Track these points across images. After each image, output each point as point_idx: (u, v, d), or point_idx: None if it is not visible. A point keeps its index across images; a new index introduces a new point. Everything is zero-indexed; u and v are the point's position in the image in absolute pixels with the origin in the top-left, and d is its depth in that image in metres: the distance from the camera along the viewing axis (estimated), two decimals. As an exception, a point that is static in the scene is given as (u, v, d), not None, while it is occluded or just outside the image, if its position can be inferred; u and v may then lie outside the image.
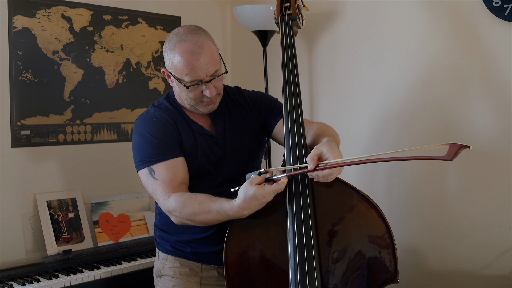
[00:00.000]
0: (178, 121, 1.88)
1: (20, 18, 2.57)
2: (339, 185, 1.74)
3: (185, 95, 1.81)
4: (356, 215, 1.71)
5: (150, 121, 1.86)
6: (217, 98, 1.85)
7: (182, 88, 1.80)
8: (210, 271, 1.93)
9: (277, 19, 2.03)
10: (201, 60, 1.73)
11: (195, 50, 1.73)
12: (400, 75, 2.54)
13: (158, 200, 1.79)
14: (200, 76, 1.75)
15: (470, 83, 2.32)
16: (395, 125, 2.56)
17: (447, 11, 2.38)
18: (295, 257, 1.63)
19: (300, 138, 1.76)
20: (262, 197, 1.58)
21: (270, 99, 2.03)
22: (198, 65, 1.73)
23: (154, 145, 1.80)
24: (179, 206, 1.72)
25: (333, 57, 2.80)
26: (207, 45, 1.76)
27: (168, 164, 1.78)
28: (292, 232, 1.65)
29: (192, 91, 1.78)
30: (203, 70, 1.74)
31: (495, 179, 2.25)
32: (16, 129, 2.57)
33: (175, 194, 1.74)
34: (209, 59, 1.75)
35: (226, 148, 1.91)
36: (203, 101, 1.82)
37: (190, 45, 1.73)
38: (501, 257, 2.23)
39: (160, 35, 3.07)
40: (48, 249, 2.51)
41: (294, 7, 1.99)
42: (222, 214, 1.67)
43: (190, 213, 1.71)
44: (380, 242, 1.68)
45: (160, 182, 1.77)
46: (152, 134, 1.82)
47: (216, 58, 1.78)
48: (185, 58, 1.73)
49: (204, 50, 1.74)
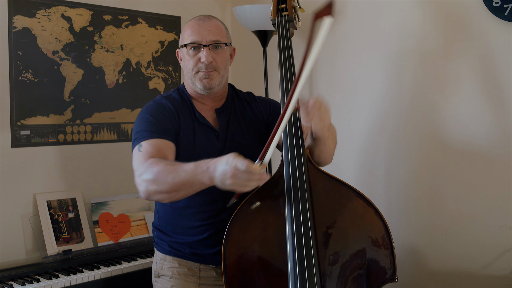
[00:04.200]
0: (182, 110, 1.91)
1: (20, 18, 2.57)
2: (337, 185, 1.75)
3: (186, 65, 1.90)
4: (354, 215, 1.72)
5: (153, 106, 1.91)
6: (214, 75, 1.88)
7: (185, 59, 1.90)
8: (209, 271, 1.93)
9: (273, 20, 2.03)
10: (205, 26, 1.88)
11: (203, 18, 1.92)
12: (399, 75, 2.54)
13: (135, 169, 1.73)
14: (200, 38, 1.87)
15: (470, 83, 2.32)
16: (394, 125, 2.56)
17: (447, 11, 2.38)
18: (294, 257, 1.63)
19: (298, 139, 1.75)
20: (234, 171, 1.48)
21: (278, 105, 2.07)
22: (201, 29, 1.87)
23: (148, 124, 1.82)
24: (149, 166, 1.65)
25: (332, 57, 2.80)
26: (215, 20, 1.92)
27: (156, 141, 1.77)
28: (291, 232, 1.65)
29: (191, 57, 1.88)
30: (203, 34, 1.86)
31: (495, 179, 2.25)
32: (16, 129, 2.57)
33: (151, 159, 1.69)
34: (212, 28, 1.88)
35: (226, 142, 1.91)
36: (200, 71, 1.87)
37: (201, 17, 1.93)
38: (501, 257, 2.23)
39: (160, 35, 3.08)
40: (48, 249, 2.51)
41: (290, 8, 1.99)
42: (191, 170, 1.57)
43: (157, 171, 1.61)
44: (378, 242, 1.69)
45: (143, 153, 1.74)
46: (150, 115, 1.86)
47: (220, 31, 1.91)
48: (191, 23, 1.92)
49: (211, 20, 1.91)
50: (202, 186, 1.60)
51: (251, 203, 1.74)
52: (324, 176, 1.76)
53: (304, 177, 1.70)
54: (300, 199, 1.67)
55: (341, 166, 2.65)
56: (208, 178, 1.55)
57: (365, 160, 2.69)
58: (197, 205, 1.90)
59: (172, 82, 3.13)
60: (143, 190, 1.67)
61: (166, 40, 3.10)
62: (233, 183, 1.49)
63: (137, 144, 1.79)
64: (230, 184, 1.50)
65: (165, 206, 1.96)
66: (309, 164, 1.76)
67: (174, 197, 1.65)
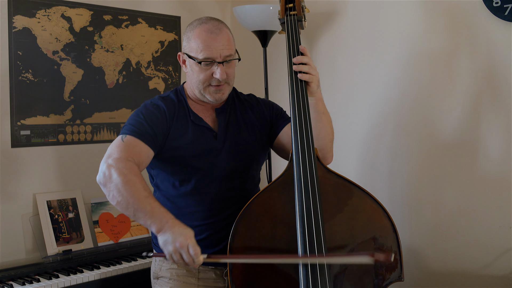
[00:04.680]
0: (177, 112, 1.90)
1: (20, 18, 2.57)
2: (346, 185, 1.76)
3: (196, 77, 1.86)
4: (363, 214, 1.73)
5: (149, 106, 1.90)
6: (225, 88, 1.87)
7: (194, 69, 1.86)
8: (208, 272, 1.92)
9: (282, 19, 2.02)
10: (217, 40, 1.82)
11: (214, 30, 1.83)
12: (399, 75, 2.54)
13: (109, 151, 1.75)
14: (214, 55, 1.81)
15: (470, 83, 2.32)
16: (394, 125, 2.56)
17: (446, 11, 2.38)
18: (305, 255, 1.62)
19: (308, 138, 1.75)
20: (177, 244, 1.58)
21: (279, 107, 2.08)
22: (214, 44, 1.81)
23: (139, 123, 1.82)
24: (125, 165, 1.68)
25: (333, 57, 2.80)
26: (226, 30, 1.87)
27: (138, 142, 1.78)
28: (302, 230, 1.64)
29: (203, 71, 1.84)
30: (217, 50, 1.81)
31: (495, 179, 2.25)
32: (16, 129, 2.57)
33: (131, 162, 1.71)
34: (225, 42, 1.83)
35: (225, 143, 1.91)
36: (212, 85, 1.85)
37: (210, 26, 1.84)
38: (501, 257, 2.23)
39: (160, 35, 3.07)
40: (48, 249, 2.51)
41: (299, 8, 1.99)
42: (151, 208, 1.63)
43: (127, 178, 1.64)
44: (386, 242, 1.70)
45: (125, 144, 1.76)
46: (145, 115, 1.85)
47: (231, 44, 1.87)
48: (203, 35, 1.82)
49: (222, 32, 1.84)
50: (146, 225, 1.66)
51: (259, 201, 1.74)
52: (332, 176, 1.77)
53: (314, 175, 1.70)
54: (311, 197, 1.67)
55: (342, 166, 2.65)
56: (157, 229, 1.62)
57: (366, 161, 2.69)
58: (196, 205, 1.90)
59: (172, 82, 3.13)
60: (101, 175, 1.70)
61: (166, 40, 3.10)
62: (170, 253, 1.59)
63: (123, 134, 1.80)
64: (168, 251, 1.59)
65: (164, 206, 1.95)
66: (318, 164, 1.76)
67: (114, 204, 1.69)
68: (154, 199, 1.67)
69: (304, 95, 1.81)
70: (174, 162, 1.87)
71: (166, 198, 1.93)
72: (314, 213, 1.65)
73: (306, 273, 1.61)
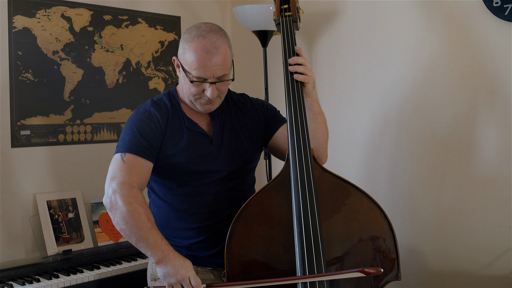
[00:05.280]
0: (171, 117, 1.88)
1: (20, 18, 2.57)
2: (343, 185, 1.76)
3: (187, 88, 1.83)
4: (359, 214, 1.74)
5: (142, 116, 1.87)
6: (216, 100, 1.85)
7: (186, 81, 1.82)
8: (206, 273, 1.92)
9: (277, 20, 2.02)
10: (212, 60, 1.75)
11: (210, 49, 1.75)
12: (399, 75, 2.54)
13: (112, 173, 1.78)
14: (207, 75, 1.76)
15: (470, 83, 2.32)
16: (394, 125, 2.56)
17: (446, 11, 2.38)
18: (303, 256, 1.62)
19: (305, 138, 1.75)
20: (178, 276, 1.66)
21: (274, 107, 2.07)
22: (208, 65, 1.75)
23: (135, 138, 1.82)
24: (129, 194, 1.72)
25: (333, 57, 2.80)
26: (224, 48, 1.77)
27: (138, 159, 1.79)
28: (299, 231, 1.64)
29: (195, 86, 1.80)
30: (211, 71, 1.76)
31: (495, 179, 2.25)
32: (16, 129, 2.57)
33: (136, 189, 1.74)
34: (220, 62, 1.76)
35: (221, 147, 1.90)
36: (202, 98, 1.83)
37: (207, 43, 1.75)
38: (501, 257, 2.23)
39: (160, 35, 3.08)
40: (48, 249, 2.51)
41: (294, 9, 1.99)
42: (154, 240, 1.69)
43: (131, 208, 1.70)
44: (383, 241, 1.71)
45: (127, 165, 1.78)
46: (138, 128, 1.84)
47: (227, 63, 1.79)
48: (198, 54, 1.75)
49: (218, 52, 1.75)
50: (146, 254, 1.73)
51: (256, 201, 1.74)
52: (329, 176, 1.77)
53: (311, 176, 1.70)
54: (308, 197, 1.67)
55: (342, 166, 2.65)
56: (157, 260, 1.69)
57: (366, 161, 2.69)
58: (194, 207, 1.89)
59: (172, 82, 3.13)
60: (108, 200, 1.75)
61: (166, 40, 3.10)
62: (171, 284, 1.68)
63: (121, 152, 1.80)
64: (169, 283, 1.68)
65: (161, 208, 1.95)
66: (315, 164, 1.76)
67: (117, 229, 1.75)
68: (157, 231, 1.71)
69: (300, 95, 1.81)
70: (170, 168, 1.87)
71: (163, 201, 1.93)
72: (311, 213, 1.65)
73: (304, 273, 1.61)
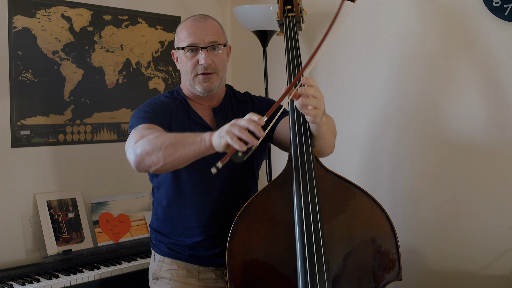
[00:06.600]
0: (178, 109, 1.92)
1: (20, 18, 2.57)
2: (344, 184, 1.76)
3: (184, 68, 1.90)
4: (360, 214, 1.74)
5: (152, 100, 1.95)
6: (214, 77, 1.89)
7: (182, 61, 1.90)
8: (208, 273, 1.92)
9: (280, 20, 2.02)
10: (201, 26, 1.87)
11: (199, 19, 1.90)
12: (399, 75, 2.54)
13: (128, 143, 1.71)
14: (198, 40, 1.86)
15: (470, 83, 2.32)
16: (395, 125, 2.56)
17: (446, 11, 2.38)
18: (304, 256, 1.63)
19: (307, 138, 1.76)
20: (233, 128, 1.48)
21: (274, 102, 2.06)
22: (197, 31, 1.86)
23: (145, 113, 1.84)
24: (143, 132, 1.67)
25: (332, 57, 2.80)
26: (211, 20, 1.91)
27: (153, 126, 1.78)
28: (301, 230, 1.64)
29: (189, 60, 1.87)
30: (200, 36, 1.86)
31: (495, 179, 2.25)
32: (16, 129, 2.57)
33: None
34: (209, 29, 1.87)
35: None
36: (199, 74, 1.87)
37: (196, 17, 1.92)
38: (501, 257, 2.23)
39: (160, 35, 3.07)
40: (48, 249, 2.51)
41: (297, 9, 1.99)
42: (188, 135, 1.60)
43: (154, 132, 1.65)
44: (384, 241, 1.72)
45: (141, 129, 1.73)
46: (147, 106, 1.89)
47: (217, 31, 1.90)
48: (188, 25, 1.90)
49: (207, 21, 1.90)
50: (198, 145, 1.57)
51: (258, 201, 1.74)
52: (330, 175, 1.77)
53: (313, 175, 1.70)
54: (309, 197, 1.67)
55: (343, 166, 2.65)
56: (208, 133, 1.56)
57: (367, 160, 2.69)
58: (197, 206, 1.90)
59: (172, 82, 3.13)
60: (137, 153, 1.63)
61: (166, 40, 3.10)
62: (229, 131, 1.47)
63: (135, 126, 1.77)
64: (226, 133, 1.47)
65: (164, 207, 1.96)
66: (316, 163, 1.76)
67: (167, 159, 1.59)
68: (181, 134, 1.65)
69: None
70: None
71: (167, 200, 1.93)
72: (312, 213, 1.65)
73: (305, 273, 1.61)
